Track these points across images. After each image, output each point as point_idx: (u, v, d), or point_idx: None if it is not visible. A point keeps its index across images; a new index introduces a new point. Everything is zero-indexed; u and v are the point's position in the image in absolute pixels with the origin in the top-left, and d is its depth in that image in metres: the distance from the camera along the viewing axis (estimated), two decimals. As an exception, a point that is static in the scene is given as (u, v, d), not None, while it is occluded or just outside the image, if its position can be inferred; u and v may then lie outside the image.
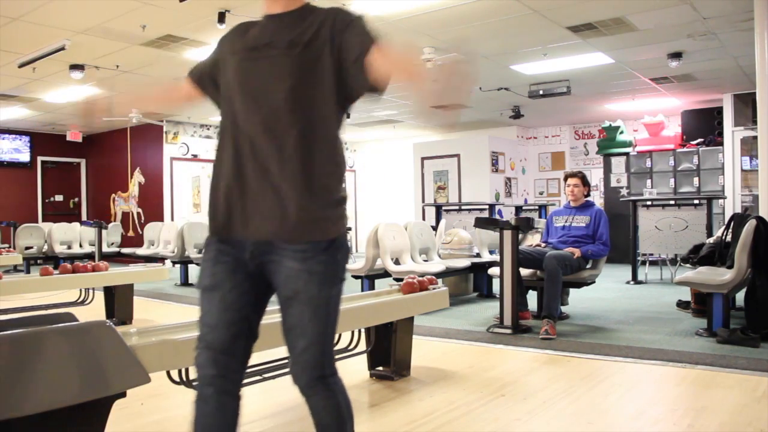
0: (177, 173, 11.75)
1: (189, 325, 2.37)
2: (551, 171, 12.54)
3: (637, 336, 4.35)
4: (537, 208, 10.50)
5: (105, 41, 6.33)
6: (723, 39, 6.44)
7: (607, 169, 10.44)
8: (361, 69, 1.46)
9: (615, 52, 6.97)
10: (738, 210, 8.53)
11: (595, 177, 11.33)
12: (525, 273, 4.80)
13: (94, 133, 12.67)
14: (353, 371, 3.36)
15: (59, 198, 12.92)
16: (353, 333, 3.19)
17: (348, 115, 1.70)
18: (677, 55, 6.99)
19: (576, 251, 4.74)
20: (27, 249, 9.67)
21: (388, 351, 3.32)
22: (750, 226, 4.24)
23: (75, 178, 13.27)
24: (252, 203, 1.52)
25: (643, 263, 8.28)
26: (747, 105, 9.03)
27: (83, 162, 13.31)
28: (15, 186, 12.15)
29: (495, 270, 4.92)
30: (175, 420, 2.74)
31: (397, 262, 5.90)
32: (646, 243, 7.86)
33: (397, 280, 4.72)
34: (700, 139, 9.72)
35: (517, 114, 10.13)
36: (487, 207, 9.17)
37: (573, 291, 5.51)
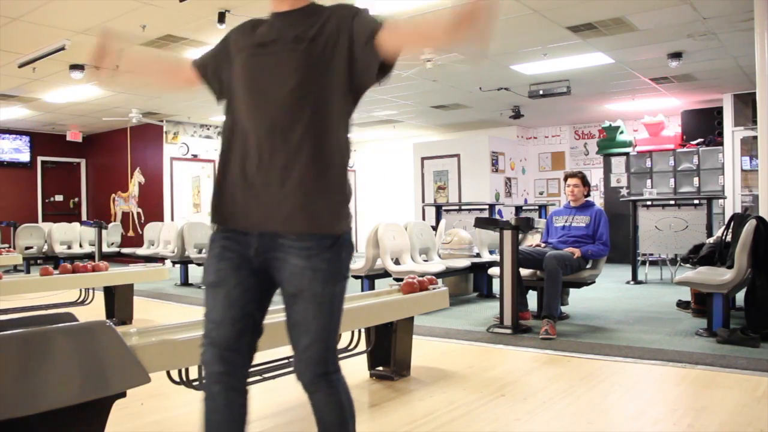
0: (177, 173, 11.76)
1: (189, 325, 2.37)
2: (551, 171, 12.54)
3: (637, 336, 4.35)
4: (537, 208, 10.50)
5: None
6: (723, 39, 6.44)
7: (607, 169, 10.44)
8: (372, 50, 1.48)
9: (615, 52, 6.97)
10: (738, 210, 8.53)
11: (595, 177, 11.33)
12: (525, 273, 4.80)
13: (94, 133, 12.67)
14: (353, 371, 3.36)
15: (59, 198, 12.92)
16: (353, 333, 3.19)
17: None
18: (677, 55, 6.99)
19: (576, 251, 4.74)
20: (27, 249, 9.67)
21: (388, 351, 3.32)
22: (750, 226, 4.24)
23: (75, 178, 13.28)
24: (258, 195, 1.53)
25: (643, 263, 8.28)
26: (747, 105, 9.02)
27: (83, 162, 13.31)
28: (15, 186, 12.15)
29: (495, 270, 4.92)
30: (175, 420, 2.75)
31: (397, 262, 5.90)
32: (646, 243, 7.86)
33: (397, 280, 4.72)
34: (700, 139, 9.72)
35: (517, 114, 10.13)
36: (487, 207, 9.18)
37: (573, 291, 5.51)
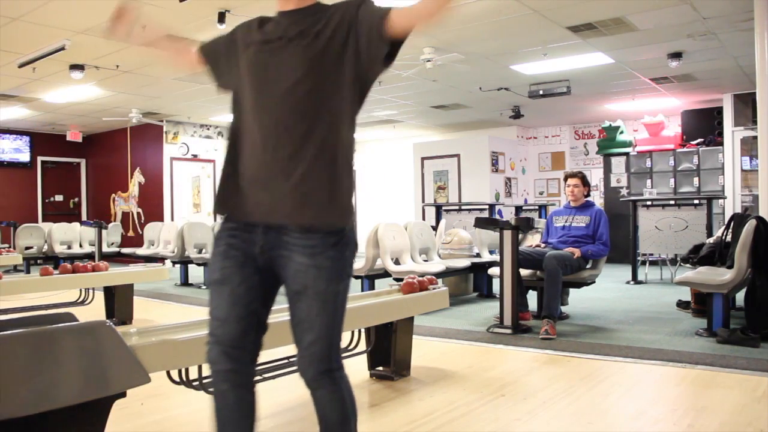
0: (177, 173, 11.76)
1: (189, 325, 2.37)
2: (551, 171, 12.54)
3: (637, 336, 4.35)
4: (537, 208, 10.50)
5: (105, 41, 6.33)
6: (723, 39, 6.44)
7: (607, 169, 10.44)
8: (381, 35, 1.49)
9: (615, 52, 6.97)
10: (738, 210, 8.53)
11: (595, 177, 11.33)
12: (525, 273, 4.80)
13: (94, 133, 12.66)
14: (353, 371, 3.33)
15: (59, 198, 12.92)
16: (353, 333, 3.19)
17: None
18: (677, 55, 6.99)
19: (576, 251, 4.74)
20: (27, 249, 9.67)
21: (388, 351, 3.32)
22: (750, 226, 4.24)
23: (75, 178, 13.27)
24: (264, 188, 1.55)
25: (643, 263, 8.28)
26: (747, 105, 9.02)
27: (83, 162, 13.31)
28: (15, 186, 12.15)
29: (495, 270, 4.92)
30: (175, 420, 2.75)
31: (397, 262, 5.90)
32: (646, 243, 7.86)
33: (397, 280, 4.72)
34: (700, 139, 9.72)
35: (517, 114, 10.13)
36: (487, 207, 9.19)
37: (573, 291, 5.51)
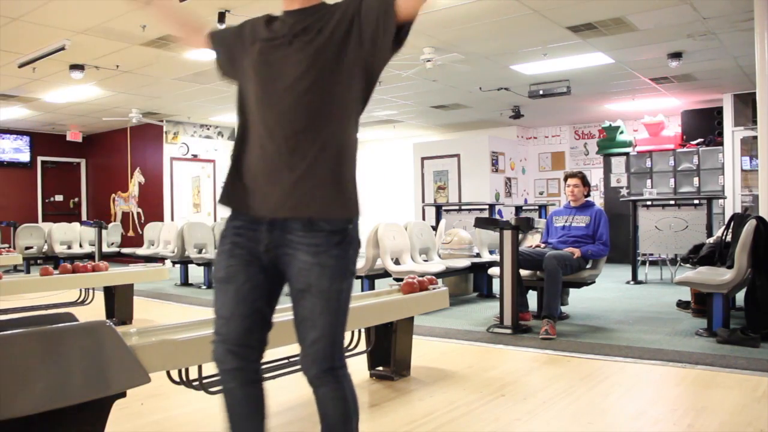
0: (177, 173, 11.76)
1: (189, 325, 2.37)
2: (551, 171, 12.54)
3: (637, 336, 4.35)
4: (537, 208, 10.51)
5: (105, 41, 6.33)
6: (723, 39, 6.44)
7: (607, 169, 10.44)
8: (389, 20, 1.51)
9: (615, 52, 6.97)
10: (738, 210, 8.53)
11: (595, 177, 11.33)
12: (525, 273, 4.80)
13: (94, 133, 12.67)
14: (353, 371, 3.33)
15: (59, 198, 12.92)
16: (353, 333, 3.19)
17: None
18: (677, 55, 6.99)
19: (576, 251, 4.74)
20: (27, 249, 9.67)
21: (388, 351, 3.32)
22: (750, 226, 4.24)
23: (75, 178, 13.27)
24: (269, 183, 1.56)
25: (643, 263, 8.28)
26: (747, 105, 9.02)
27: (83, 162, 13.31)
28: (15, 186, 12.15)
29: (495, 270, 4.92)
30: (175, 420, 2.75)
31: (397, 262, 5.90)
32: (646, 243, 7.86)
33: (397, 280, 4.72)
34: (700, 139, 9.72)
35: (517, 114, 10.13)
36: (487, 207, 9.19)
37: (573, 291, 5.51)
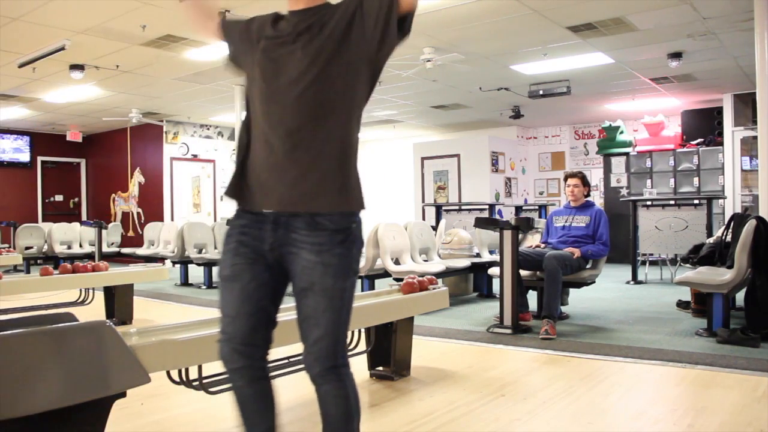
0: (177, 173, 11.76)
1: (189, 325, 2.37)
2: (551, 171, 12.54)
3: (637, 336, 4.35)
4: (537, 208, 10.51)
5: (105, 41, 6.34)
6: (723, 39, 6.44)
7: (607, 169, 10.44)
8: (392, 14, 1.53)
9: (615, 52, 6.97)
10: (738, 210, 8.53)
11: (595, 177, 11.33)
12: (525, 273, 4.80)
13: (94, 133, 12.67)
14: (353, 371, 3.36)
15: (59, 198, 12.92)
16: (353, 333, 3.19)
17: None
18: (677, 55, 6.99)
19: (576, 251, 4.74)
20: (27, 249, 9.67)
21: (388, 351, 3.32)
22: (750, 226, 4.24)
23: (75, 178, 13.27)
24: (275, 178, 1.57)
25: (643, 263, 8.28)
26: (747, 105, 9.02)
27: (83, 162, 13.31)
28: (15, 186, 12.15)
29: (495, 270, 4.92)
30: (175, 420, 2.75)
31: (397, 262, 5.90)
32: (646, 243, 7.86)
33: (397, 280, 4.72)
34: (700, 139, 9.72)
35: (517, 114, 10.13)
36: (487, 207, 9.19)
37: (573, 291, 5.51)
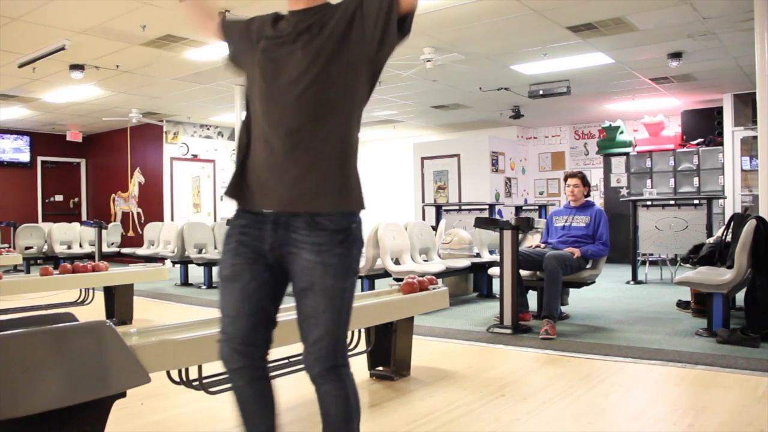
0: (177, 173, 11.76)
1: (189, 325, 2.37)
2: (551, 171, 12.54)
3: (637, 336, 4.35)
4: (537, 208, 10.51)
5: (105, 41, 6.34)
6: (723, 39, 6.44)
7: (607, 169, 10.44)
8: (392, 13, 1.53)
9: (615, 52, 6.97)
10: (738, 210, 8.53)
11: (595, 177, 11.33)
12: (525, 273, 4.80)
13: (94, 133, 12.66)
14: (353, 371, 3.36)
15: (59, 198, 12.92)
16: (353, 333, 3.19)
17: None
18: (677, 55, 6.99)
19: (576, 251, 4.74)
20: (27, 249, 9.67)
21: (388, 351, 3.32)
22: (750, 226, 4.24)
23: (75, 178, 13.27)
24: (275, 177, 1.58)
25: (643, 263, 8.28)
26: (747, 105, 9.02)
27: (83, 162, 13.31)
28: (15, 186, 12.15)
29: (495, 270, 4.92)
30: (175, 420, 2.75)
31: (397, 262, 5.90)
32: (646, 243, 7.86)
33: (397, 280, 4.72)
34: (700, 139, 9.72)
35: (517, 114, 10.13)
36: (487, 207, 9.19)
37: (573, 291, 5.51)
